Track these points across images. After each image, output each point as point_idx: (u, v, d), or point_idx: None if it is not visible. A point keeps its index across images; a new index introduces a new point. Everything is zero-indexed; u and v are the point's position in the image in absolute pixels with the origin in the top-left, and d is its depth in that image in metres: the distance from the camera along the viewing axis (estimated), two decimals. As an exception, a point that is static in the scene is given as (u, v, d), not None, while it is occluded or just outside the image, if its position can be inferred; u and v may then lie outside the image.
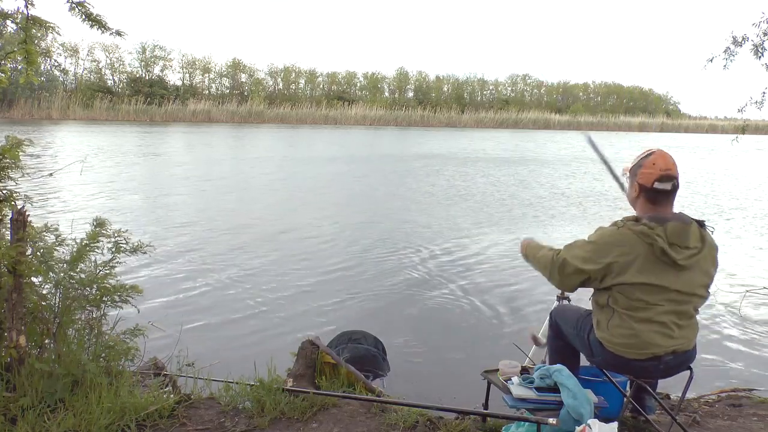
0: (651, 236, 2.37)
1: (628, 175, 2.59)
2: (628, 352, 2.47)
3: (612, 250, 2.42)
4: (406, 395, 3.44)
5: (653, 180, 2.44)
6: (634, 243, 2.39)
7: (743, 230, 10.06)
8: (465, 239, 8.72)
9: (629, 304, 2.43)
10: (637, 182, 2.51)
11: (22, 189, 2.83)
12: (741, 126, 8.39)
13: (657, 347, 2.45)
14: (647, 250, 2.38)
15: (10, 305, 2.63)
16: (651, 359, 2.47)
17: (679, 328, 2.49)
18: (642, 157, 2.53)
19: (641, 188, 2.49)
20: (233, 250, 7.72)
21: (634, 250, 2.39)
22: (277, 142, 29.01)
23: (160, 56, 51.94)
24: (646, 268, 2.39)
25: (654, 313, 2.42)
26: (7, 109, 38.19)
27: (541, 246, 2.76)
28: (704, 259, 2.49)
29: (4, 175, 2.73)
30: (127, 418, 2.60)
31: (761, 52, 7.08)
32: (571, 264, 2.48)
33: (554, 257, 2.56)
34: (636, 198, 2.54)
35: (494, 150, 27.12)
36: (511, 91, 66.72)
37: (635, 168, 2.54)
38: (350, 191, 13.59)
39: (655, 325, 2.43)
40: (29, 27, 2.64)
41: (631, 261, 2.39)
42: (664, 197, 2.47)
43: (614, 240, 2.43)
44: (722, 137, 40.41)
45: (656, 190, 2.45)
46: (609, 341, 2.50)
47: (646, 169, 2.46)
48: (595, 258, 2.44)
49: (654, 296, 2.42)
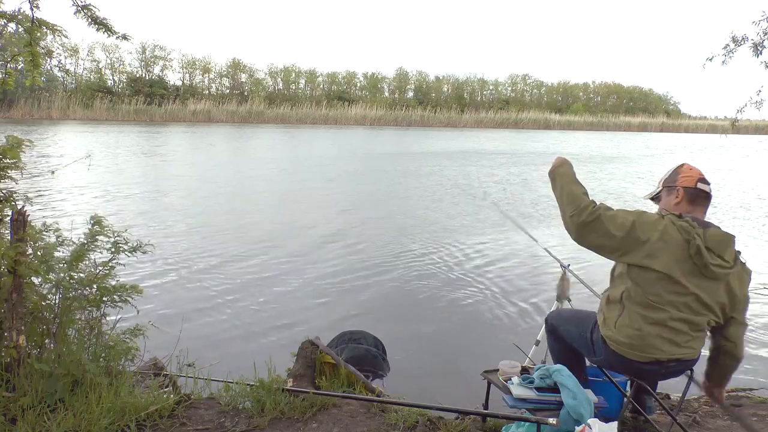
0: (691, 233, 2.36)
1: (662, 188, 2.62)
2: (630, 353, 2.44)
3: (649, 231, 2.37)
4: (406, 395, 3.44)
5: (696, 181, 2.52)
6: (673, 234, 2.37)
7: (743, 229, 10.06)
8: (465, 239, 8.72)
9: (645, 301, 2.38)
10: (680, 186, 2.54)
11: (22, 189, 2.84)
12: (731, 122, 8.44)
13: (661, 353, 2.41)
14: (683, 246, 2.36)
15: (10, 305, 2.63)
16: (652, 363, 2.45)
17: (688, 339, 2.44)
18: (675, 169, 2.62)
19: (685, 191, 2.52)
20: (233, 250, 7.72)
21: (671, 241, 2.36)
22: (277, 142, 29.00)
23: (160, 56, 52.04)
24: (676, 262, 2.36)
25: (667, 316, 2.38)
26: (7, 109, 38.19)
27: (576, 181, 2.58)
28: (734, 277, 2.45)
29: (4, 175, 2.73)
30: (127, 418, 2.60)
31: (760, 50, 7.08)
32: (604, 224, 2.39)
33: (589, 205, 2.44)
34: (678, 204, 2.53)
35: (495, 146, 27.12)
36: (511, 91, 66.73)
37: (672, 177, 2.58)
38: (350, 191, 13.58)
39: (665, 330, 2.39)
40: (34, 29, 2.64)
41: (663, 249, 2.35)
42: (704, 200, 2.53)
43: (654, 224, 2.40)
44: (723, 137, 40.36)
45: (699, 190, 2.52)
46: (613, 339, 2.47)
47: (685, 175, 2.55)
48: (629, 229, 2.38)
49: (673, 296, 2.37)
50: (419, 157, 21.80)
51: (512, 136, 40.21)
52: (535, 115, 56.83)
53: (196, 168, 16.88)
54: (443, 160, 20.92)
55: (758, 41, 7.02)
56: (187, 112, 44.45)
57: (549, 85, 68.43)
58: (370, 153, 23.73)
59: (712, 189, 2.59)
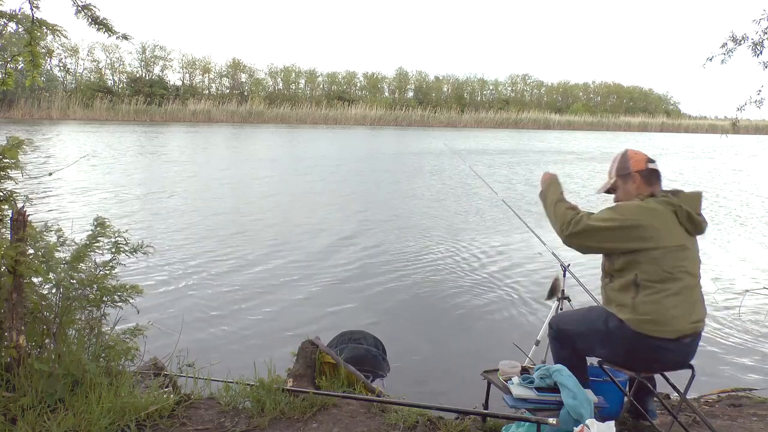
0: (674, 204, 2.53)
1: (617, 179, 2.75)
2: (653, 330, 2.48)
3: (639, 216, 2.52)
4: (406, 395, 3.44)
5: (645, 162, 2.70)
6: (662, 211, 2.53)
7: (743, 229, 10.06)
8: (466, 240, 8.72)
9: (662, 276, 2.48)
10: (634, 171, 2.69)
11: (22, 189, 2.83)
12: (732, 123, 8.43)
13: (680, 323, 2.50)
14: (672, 217, 2.53)
15: (10, 305, 2.63)
16: (671, 340, 2.50)
17: (698, 302, 2.58)
18: (621, 157, 2.76)
19: (640, 174, 2.68)
20: (233, 250, 7.72)
21: (661, 215, 2.52)
22: (277, 142, 29.00)
23: (160, 56, 52.07)
24: (676, 232, 2.53)
25: (682, 285, 2.50)
26: (7, 109, 38.19)
27: (563, 199, 2.77)
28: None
29: (4, 175, 2.73)
30: (127, 418, 2.60)
31: (760, 50, 7.07)
32: (594, 227, 2.54)
33: (573, 217, 2.61)
34: (637, 187, 2.67)
35: (497, 145, 27.12)
36: (511, 91, 66.72)
37: (623, 165, 2.73)
38: (351, 191, 13.59)
39: (681, 299, 2.50)
40: (34, 29, 2.64)
41: (661, 225, 2.50)
42: (657, 177, 2.71)
43: (640, 209, 2.54)
44: (723, 137, 40.30)
45: (651, 170, 2.69)
46: (634, 320, 2.51)
47: (635, 159, 2.71)
48: (621, 222, 2.52)
49: (685, 262, 2.52)
50: (419, 157, 21.80)
51: (513, 135, 40.21)
52: (535, 115, 56.82)
53: (196, 168, 16.87)
54: (444, 158, 20.91)
55: (758, 40, 7.00)
56: (187, 112, 44.43)
57: (549, 85, 68.51)
58: (370, 153, 23.73)
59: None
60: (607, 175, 2.82)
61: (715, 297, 6.15)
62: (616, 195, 2.77)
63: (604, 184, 2.83)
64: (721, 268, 7.46)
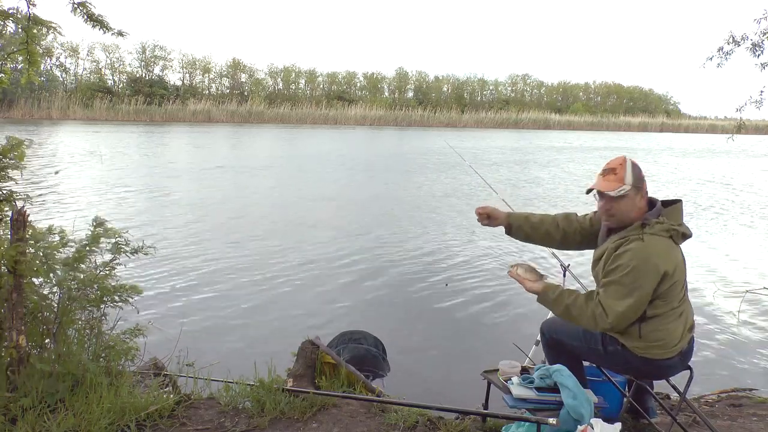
0: (670, 229, 2.45)
1: (631, 187, 2.48)
2: (660, 354, 2.48)
3: (663, 265, 2.39)
4: (406, 395, 3.44)
5: (640, 169, 2.59)
6: (667, 246, 2.44)
7: (742, 229, 10.06)
8: (466, 240, 8.72)
9: (670, 305, 2.45)
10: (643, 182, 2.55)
11: (22, 189, 2.83)
12: (737, 125, 8.37)
13: (683, 339, 2.51)
14: (673, 245, 2.47)
15: (10, 305, 2.62)
16: (677, 355, 2.51)
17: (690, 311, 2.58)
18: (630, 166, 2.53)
19: (644, 184, 2.56)
20: (233, 250, 7.72)
21: (670, 252, 2.44)
22: (277, 142, 28.99)
23: (160, 56, 51.99)
24: (679, 257, 2.49)
25: (683, 306, 2.51)
26: (7, 109, 38.15)
27: (562, 292, 2.58)
28: None
29: (4, 175, 2.73)
30: (127, 418, 2.60)
31: (759, 50, 7.06)
32: (618, 312, 2.40)
33: (594, 311, 2.45)
34: (642, 198, 2.54)
35: (499, 145, 27.13)
36: (511, 91, 66.66)
37: (636, 174, 2.52)
38: (351, 191, 13.59)
39: (682, 318, 2.50)
40: (30, 27, 2.63)
41: (670, 266, 2.40)
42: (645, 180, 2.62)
43: (647, 252, 2.39)
44: (723, 137, 40.33)
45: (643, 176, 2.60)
46: (642, 347, 2.48)
47: (638, 168, 2.57)
48: (636, 293, 2.38)
49: (683, 283, 2.50)
50: (419, 157, 21.79)
51: (513, 135, 40.20)
52: (535, 115, 56.77)
53: (195, 168, 16.87)
54: (444, 158, 20.90)
55: (757, 41, 6.99)
56: (187, 112, 44.39)
57: (549, 85, 68.42)
58: (371, 153, 23.72)
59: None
60: (613, 180, 2.49)
61: (716, 297, 6.15)
62: (616, 205, 2.50)
63: (608, 186, 2.49)
64: (721, 269, 7.46)
